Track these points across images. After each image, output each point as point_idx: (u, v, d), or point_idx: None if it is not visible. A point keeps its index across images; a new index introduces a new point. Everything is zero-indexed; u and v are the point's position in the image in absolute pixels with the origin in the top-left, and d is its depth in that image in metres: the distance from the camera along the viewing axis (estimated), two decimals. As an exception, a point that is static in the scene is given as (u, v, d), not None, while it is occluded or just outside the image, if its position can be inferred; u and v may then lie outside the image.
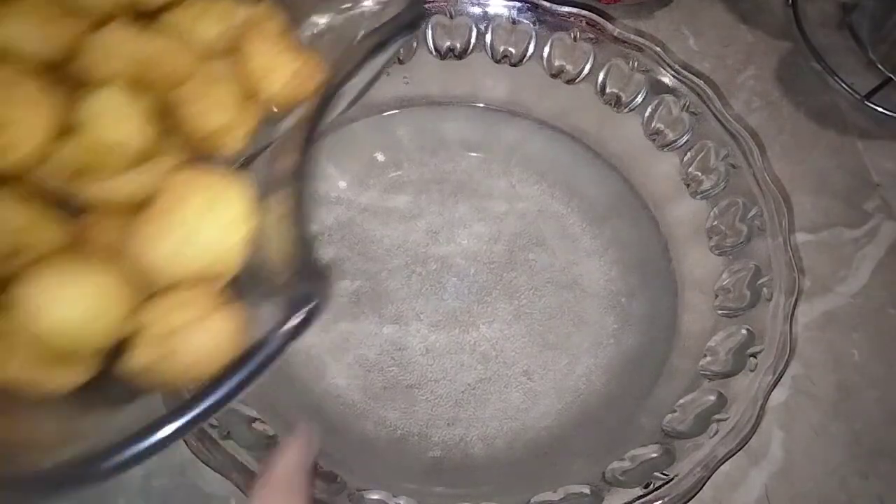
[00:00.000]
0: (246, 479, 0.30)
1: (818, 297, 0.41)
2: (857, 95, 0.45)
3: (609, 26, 0.39)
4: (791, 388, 0.39)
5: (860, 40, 0.47)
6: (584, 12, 0.39)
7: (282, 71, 0.21)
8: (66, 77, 0.19)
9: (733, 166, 0.37)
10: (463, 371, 0.38)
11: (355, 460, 0.34)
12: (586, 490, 0.32)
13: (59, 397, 0.19)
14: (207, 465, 0.30)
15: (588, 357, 0.38)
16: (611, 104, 0.40)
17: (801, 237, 0.42)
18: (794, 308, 0.34)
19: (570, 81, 0.40)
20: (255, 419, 0.33)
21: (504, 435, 0.36)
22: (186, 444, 0.31)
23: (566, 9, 0.39)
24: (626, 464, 0.33)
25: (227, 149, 0.20)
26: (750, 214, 0.36)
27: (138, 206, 0.19)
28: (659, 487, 0.31)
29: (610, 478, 0.32)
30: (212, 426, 0.31)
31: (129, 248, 0.18)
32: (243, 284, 0.19)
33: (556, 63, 0.40)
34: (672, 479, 0.31)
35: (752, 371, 0.33)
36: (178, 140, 0.20)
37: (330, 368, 0.37)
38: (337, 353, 0.38)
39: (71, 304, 0.17)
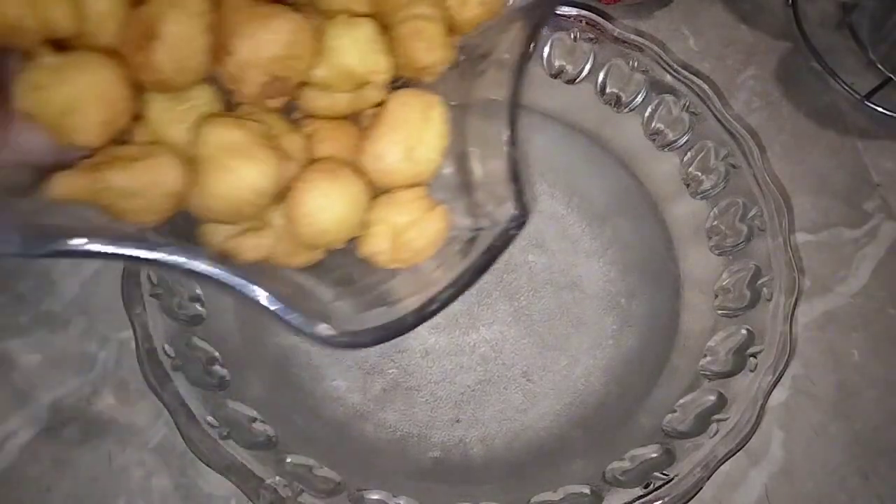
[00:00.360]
0: (246, 479, 0.30)
1: (818, 297, 0.41)
2: (857, 95, 0.45)
3: (609, 26, 0.39)
4: (791, 388, 0.39)
5: (860, 40, 0.47)
6: (584, 12, 0.39)
7: (472, 4, 0.24)
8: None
9: (733, 166, 0.37)
10: (462, 372, 0.38)
11: (355, 461, 0.34)
12: (586, 490, 0.32)
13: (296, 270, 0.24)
14: (207, 466, 0.30)
15: (588, 358, 0.38)
16: (611, 104, 0.40)
17: (801, 237, 0.42)
18: (794, 308, 0.34)
19: (570, 81, 0.40)
20: (254, 419, 0.33)
21: (504, 435, 0.36)
22: (186, 444, 0.31)
23: (566, 9, 0.39)
24: (626, 464, 0.33)
25: (427, 78, 0.23)
26: (750, 214, 0.36)
27: (351, 116, 0.23)
28: (659, 487, 0.31)
29: (610, 478, 0.32)
30: (212, 426, 0.31)
31: (362, 159, 0.22)
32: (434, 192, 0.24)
33: (556, 63, 0.40)
34: (672, 479, 0.31)
35: (752, 371, 0.33)
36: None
37: (330, 370, 0.37)
38: (337, 354, 0.38)
39: (336, 211, 0.21)
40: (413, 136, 0.22)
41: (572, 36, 0.39)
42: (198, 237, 0.22)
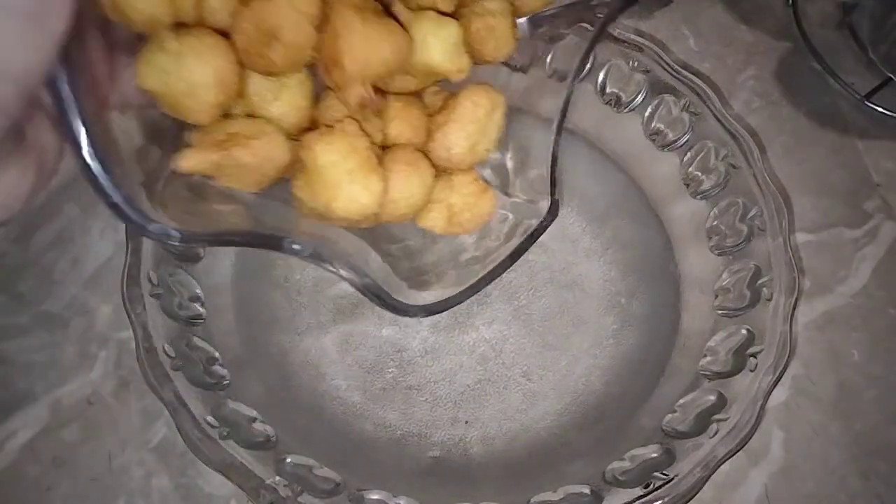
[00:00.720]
0: (246, 479, 0.30)
1: (818, 297, 0.41)
2: (857, 95, 0.45)
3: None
4: (791, 388, 0.39)
5: (860, 40, 0.47)
6: (583, 12, 0.39)
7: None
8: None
9: (733, 166, 0.37)
10: (462, 372, 0.38)
11: (355, 461, 0.34)
12: (586, 490, 0.32)
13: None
14: (207, 466, 0.30)
15: (588, 357, 0.38)
16: (611, 104, 0.40)
17: (801, 237, 0.42)
18: (794, 308, 0.34)
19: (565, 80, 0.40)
20: (254, 419, 0.33)
21: (503, 435, 0.36)
22: (186, 444, 0.31)
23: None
24: (626, 464, 0.33)
25: (486, 65, 0.26)
26: (750, 214, 0.36)
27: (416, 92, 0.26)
28: (659, 487, 0.31)
29: (610, 478, 0.32)
30: (212, 426, 0.31)
31: (431, 146, 0.25)
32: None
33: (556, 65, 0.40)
34: (672, 479, 0.31)
35: (752, 371, 0.33)
36: None
37: (330, 369, 0.37)
38: (337, 354, 0.38)
39: (416, 197, 0.25)
40: (479, 132, 0.25)
41: (572, 36, 0.39)
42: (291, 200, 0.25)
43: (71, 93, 0.17)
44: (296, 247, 0.22)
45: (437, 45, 0.24)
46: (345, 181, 0.22)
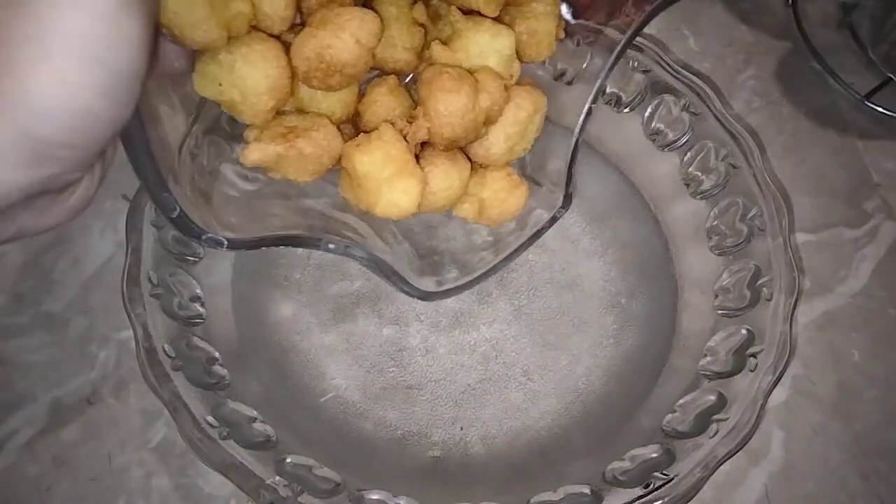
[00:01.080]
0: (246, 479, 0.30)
1: (818, 297, 0.41)
2: (857, 95, 0.45)
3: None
4: (791, 388, 0.39)
5: (860, 40, 0.47)
6: (584, 12, 0.39)
7: None
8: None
9: (733, 166, 0.37)
10: (463, 371, 0.38)
11: (355, 460, 0.34)
12: (586, 490, 0.32)
13: None
14: (207, 466, 0.30)
15: (588, 357, 0.38)
16: (611, 104, 0.40)
17: (801, 237, 0.42)
18: (794, 308, 0.34)
19: (570, 83, 0.40)
20: (254, 419, 0.33)
21: (504, 435, 0.36)
22: (187, 444, 0.31)
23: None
24: (626, 464, 0.33)
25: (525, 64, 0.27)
26: (750, 214, 0.36)
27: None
28: (659, 487, 0.31)
29: (610, 478, 0.32)
30: (212, 426, 0.31)
31: (473, 146, 0.26)
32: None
33: (559, 66, 0.40)
34: (672, 479, 0.31)
35: (752, 371, 0.33)
36: None
37: (330, 369, 0.37)
38: (337, 353, 0.38)
39: (455, 190, 0.26)
40: (519, 134, 0.26)
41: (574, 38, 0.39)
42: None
43: (141, 142, 0.18)
44: (331, 246, 0.24)
45: (493, 57, 0.25)
46: (384, 188, 0.24)
